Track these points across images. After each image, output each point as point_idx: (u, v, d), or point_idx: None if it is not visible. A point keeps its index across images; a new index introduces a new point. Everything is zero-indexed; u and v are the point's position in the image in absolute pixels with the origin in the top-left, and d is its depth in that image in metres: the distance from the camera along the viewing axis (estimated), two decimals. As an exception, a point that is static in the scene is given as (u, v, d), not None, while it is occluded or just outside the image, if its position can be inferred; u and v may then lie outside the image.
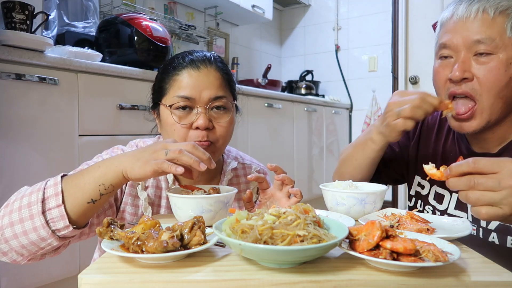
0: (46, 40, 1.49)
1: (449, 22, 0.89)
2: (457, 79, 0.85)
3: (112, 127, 1.73)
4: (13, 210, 0.72)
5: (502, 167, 0.58)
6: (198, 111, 0.88)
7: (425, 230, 0.65)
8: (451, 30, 0.88)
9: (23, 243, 0.72)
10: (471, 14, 0.85)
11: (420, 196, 1.04)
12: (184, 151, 0.71)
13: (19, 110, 1.43)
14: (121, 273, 0.52)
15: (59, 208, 0.71)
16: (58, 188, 0.72)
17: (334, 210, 0.81)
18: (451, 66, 0.88)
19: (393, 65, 3.43)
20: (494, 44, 0.83)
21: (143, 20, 1.97)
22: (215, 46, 3.37)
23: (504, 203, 0.58)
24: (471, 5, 0.86)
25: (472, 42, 0.84)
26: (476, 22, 0.84)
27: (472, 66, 0.85)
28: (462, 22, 0.86)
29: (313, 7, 4.09)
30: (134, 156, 0.73)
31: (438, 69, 0.92)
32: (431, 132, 1.06)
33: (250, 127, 2.63)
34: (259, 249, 0.50)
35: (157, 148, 0.73)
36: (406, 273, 0.51)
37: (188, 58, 0.92)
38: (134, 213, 0.92)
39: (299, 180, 3.15)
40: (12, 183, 1.40)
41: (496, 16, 0.83)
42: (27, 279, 1.43)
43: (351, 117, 3.86)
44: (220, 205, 0.75)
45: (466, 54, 0.86)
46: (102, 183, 0.73)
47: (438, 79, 0.92)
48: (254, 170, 1.07)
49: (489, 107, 0.85)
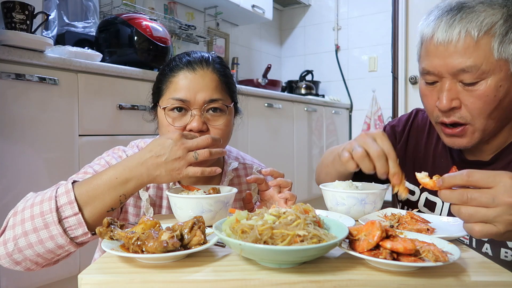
0: (46, 40, 1.49)
1: (430, 43, 0.82)
2: (445, 109, 0.80)
3: (112, 127, 1.73)
4: (25, 219, 0.71)
5: (498, 182, 0.55)
6: (193, 114, 0.88)
7: (425, 230, 0.65)
8: (432, 53, 0.81)
9: (39, 251, 0.72)
10: (452, 38, 0.77)
11: (408, 202, 1.00)
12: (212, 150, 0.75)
13: (19, 110, 1.43)
14: (121, 273, 0.52)
15: (76, 216, 0.72)
16: (71, 196, 0.72)
17: (334, 210, 0.81)
18: (437, 92, 0.83)
19: (393, 65, 3.43)
20: (480, 71, 0.76)
21: (143, 20, 1.97)
22: (215, 46, 3.37)
23: (498, 221, 0.55)
24: (451, 27, 0.77)
25: (456, 71, 0.78)
26: (458, 47, 0.77)
27: (459, 93, 0.80)
28: (443, 47, 0.79)
29: (313, 7, 4.09)
30: (156, 164, 0.73)
31: (424, 92, 0.87)
32: (421, 134, 1.02)
33: (250, 127, 2.63)
34: (259, 249, 0.50)
35: (180, 153, 0.73)
36: (406, 273, 0.51)
37: (185, 59, 0.91)
38: (136, 214, 0.93)
39: (299, 180, 3.15)
40: (12, 183, 1.40)
41: (480, 39, 0.75)
42: (27, 279, 1.43)
43: (351, 117, 3.86)
44: (220, 205, 0.75)
45: (451, 81, 0.80)
46: (123, 194, 0.74)
47: (426, 103, 0.88)
48: (255, 170, 1.07)
49: (481, 128, 0.81)
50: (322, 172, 1.05)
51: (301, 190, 3.16)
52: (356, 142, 0.77)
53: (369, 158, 0.74)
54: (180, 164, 0.73)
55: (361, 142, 0.76)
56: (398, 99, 3.42)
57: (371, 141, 0.75)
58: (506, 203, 0.54)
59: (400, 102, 3.41)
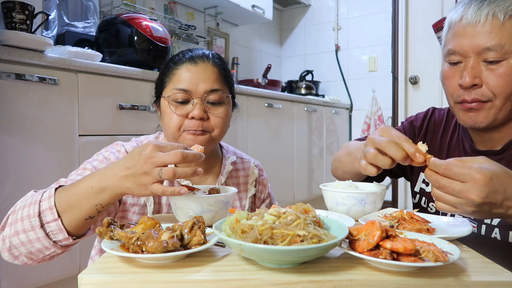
0: (46, 40, 1.49)
1: (458, 25, 0.88)
2: (467, 85, 0.85)
3: (112, 127, 1.73)
4: (17, 219, 0.73)
5: (468, 180, 0.62)
6: (194, 103, 0.93)
7: (425, 230, 0.65)
8: (460, 34, 0.87)
9: (31, 250, 0.74)
10: (480, 19, 0.84)
11: (424, 193, 1.04)
12: (178, 170, 0.69)
13: (19, 110, 1.43)
14: (121, 273, 0.52)
15: (56, 222, 0.72)
16: (52, 202, 0.73)
17: (334, 210, 0.81)
18: (461, 72, 0.87)
19: (393, 65, 3.43)
20: (504, 51, 0.82)
21: (143, 20, 1.97)
22: (215, 46, 3.37)
23: (459, 208, 0.65)
24: (480, 9, 0.84)
25: (481, 49, 0.84)
26: (485, 28, 0.83)
27: (481, 72, 0.85)
28: (471, 27, 0.85)
29: (313, 7, 4.09)
30: (125, 176, 0.70)
31: (447, 74, 0.91)
32: (437, 129, 1.06)
33: (250, 127, 2.63)
34: (259, 249, 0.50)
35: (146, 168, 0.68)
36: (406, 273, 0.51)
37: (188, 54, 0.98)
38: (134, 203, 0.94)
39: (299, 180, 3.15)
40: (12, 183, 1.40)
41: (506, 21, 0.82)
42: (27, 279, 1.43)
43: (351, 117, 3.86)
44: (220, 205, 0.75)
45: (475, 60, 0.85)
46: (98, 203, 0.73)
47: (448, 84, 0.92)
48: (252, 165, 1.12)
49: (498, 106, 0.85)
50: (339, 169, 1.07)
51: (301, 190, 3.16)
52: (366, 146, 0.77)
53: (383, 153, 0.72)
54: (146, 180, 0.69)
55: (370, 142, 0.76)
56: (398, 99, 3.42)
57: (377, 137, 0.74)
58: (468, 197, 0.62)
59: (400, 102, 3.41)
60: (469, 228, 0.67)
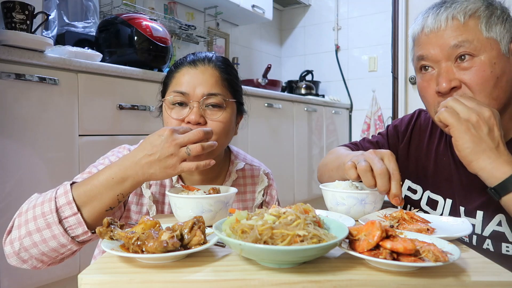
0: (46, 40, 1.49)
1: (421, 35, 0.87)
2: (445, 90, 0.82)
3: (112, 127, 1.73)
4: (28, 220, 0.73)
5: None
6: (191, 106, 0.90)
7: (425, 230, 0.65)
8: (425, 42, 0.86)
9: (44, 250, 0.74)
10: (441, 24, 0.83)
11: (411, 201, 1.01)
12: (204, 144, 0.75)
13: (19, 110, 1.43)
14: (121, 273, 0.52)
15: (76, 216, 0.73)
16: (70, 197, 0.73)
17: (334, 210, 0.81)
18: (435, 79, 0.85)
19: (393, 65, 3.43)
20: (473, 46, 0.80)
21: (143, 20, 1.97)
22: (215, 46, 3.37)
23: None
24: (439, 15, 0.84)
25: (450, 49, 0.82)
26: (448, 30, 0.82)
27: (456, 73, 0.83)
28: (434, 33, 0.84)
29: (313, 7, 4.09)
30: (149, 162, 0.73)
31: (423, 84, 0.89)
32: (423, 133, 1.03)
33: (250, 127, 2.63)
34: (259, 249, 0.50)
35: (172, 150, 0.72)
36: (406, 273, 0.51)
37: (189, 57, 0.95)
38: (138, 211, 0.94)
39: (299, 180, 3.15)
40: (13, 183, 1.40)
41: (467, 21, 0.81)
42: (28, 279, 1.43)
43: (351, 117, 3.86)
44: (220, 205, 0.75)
45: (446, 63, 0.83)
46: (120, 193, 0.75)
47: (425, 94, 0.89)
48: (262, 173, 1.07)
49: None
50: (325, 174, 1.05)
51: (301, 190, 3.16)
52: (363, 156, 0.78)
53: (372, 173, 0.75)
54: (174, 161, 0.73)
55: (368, 157, 0.77)
56: (398, 99, 3.42)
57: (377, 159, 0.77)
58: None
59: (400, 102, 3.41)
60: (469, 228, 0.67)
